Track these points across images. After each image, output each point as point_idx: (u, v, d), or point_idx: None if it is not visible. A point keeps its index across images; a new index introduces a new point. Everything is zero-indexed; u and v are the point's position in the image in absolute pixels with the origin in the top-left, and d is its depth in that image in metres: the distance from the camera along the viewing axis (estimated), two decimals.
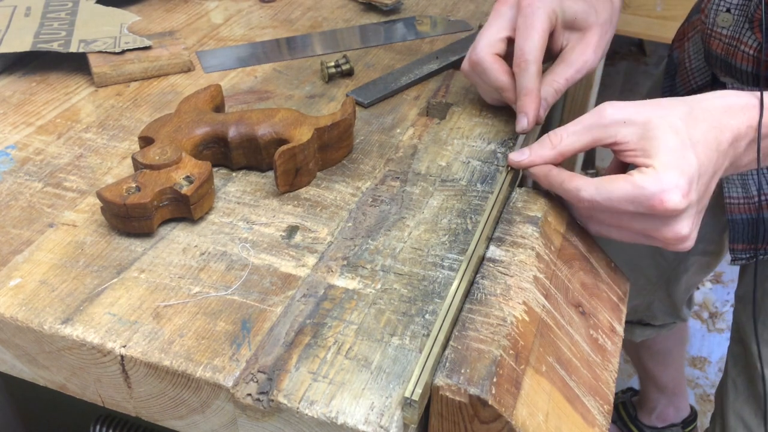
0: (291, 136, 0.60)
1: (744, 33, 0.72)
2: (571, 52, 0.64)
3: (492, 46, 0.63)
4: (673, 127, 0.51)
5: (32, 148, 0.65)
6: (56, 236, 0.55)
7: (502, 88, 0.63)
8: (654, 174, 0.50)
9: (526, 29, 0.60)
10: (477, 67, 0.64)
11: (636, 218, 0.52)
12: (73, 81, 0.76)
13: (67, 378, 0.51)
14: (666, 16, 2.02)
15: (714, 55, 0.77)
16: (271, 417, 0.44)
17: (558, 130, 0.56)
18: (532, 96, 0.61)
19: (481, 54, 0.63)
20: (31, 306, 0.49)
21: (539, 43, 0.60)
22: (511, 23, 0.63)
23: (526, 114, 0.61)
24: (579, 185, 0.53)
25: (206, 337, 0.47)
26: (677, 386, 1.40)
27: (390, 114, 0.71)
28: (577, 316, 0.53)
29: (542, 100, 0.62)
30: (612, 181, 0.51)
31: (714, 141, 0.52)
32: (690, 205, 0.50)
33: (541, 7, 0.60)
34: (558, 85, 0.63)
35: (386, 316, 0.48)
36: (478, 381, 0.42)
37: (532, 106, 0.61)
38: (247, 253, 0.54)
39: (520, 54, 0.60)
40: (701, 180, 0.51)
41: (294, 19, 0.90)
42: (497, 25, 0.63)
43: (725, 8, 0.73)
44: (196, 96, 0.65)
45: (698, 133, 0.52)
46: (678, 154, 0.50)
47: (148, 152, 0.57)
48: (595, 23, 0.64)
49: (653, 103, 0.54)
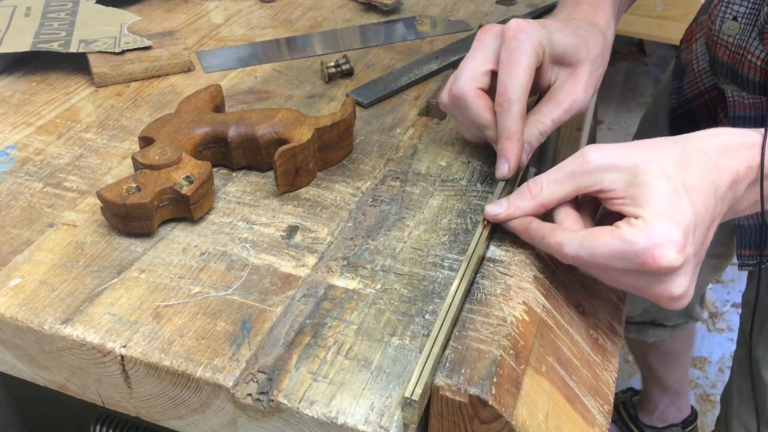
0: (291, 136, 0.60)
1: (751, 42, 0.69)
2: (559, 89, 0.59)
3: (475, 80, 0.57)
4: (665, 172, 0.46)
5: (32, 148, 0.65)
6: (56, 236, 0.55)
7: (484, 126, 0.58)
8: (644, 226, 0.44)
9: (510, 64, 0.55)
10: (458, 102, 0.58)
11: (626, 274, 0.47)
12: (73, 81, 0.76)
13: (67, 378, 0.51)
14: (666, 16, 2.02)
15: (720, 62, 0.74)
16: (271, 417, 0.44)
17: (538, 179, 0.51)
18: (514, 139, 0.55)
19: (463, 88, 0.57)
20: (31, 306, 0.49)
21: (524, 81, 0.55)
22: (495, 54, 0.57)
23: (507, 159, 0.56)
24: (561, 240, 0.48)
25: (206, 337, 0.47)
26: (681, 387, 1.40)
27: (390, 114, 0.71)
28: (577, 316, 0.53)
29: (525, 144, 0.57)
30: (597, 236, 0.46)
31: (711, 185, 0.47)
32: (686, 260, 0.45)
33: (526, 40, 0.55)
34: (544, 126, 0.58)
35: (386, 316, 0.48)
36: (478, 381, 0.42)
37: (514, 151, 0.56)
38: (247, 253, 0.54)
39: (503, 92, 0.55)
40: (698, 230, 0.46)
41: (294, 19, 0.90)
42: (481, 57, 0.58)
43: (731, 16, 0.70)
44: (196, 96, 0.65)
45: (693, 177, 0.46)
46: (671, 202, 0.45)
47: (148, 152, 0.57)
48: (586, 59, 0.59)
49: (641, 145, 0.49)
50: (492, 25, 0.59)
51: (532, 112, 0.59)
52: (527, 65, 0.55)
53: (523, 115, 0.55)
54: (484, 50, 0.58)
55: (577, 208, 0.50)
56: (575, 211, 0.50)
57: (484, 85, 0.57)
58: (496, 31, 0.58)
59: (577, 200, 0.51)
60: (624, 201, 0.47)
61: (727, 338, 1.76)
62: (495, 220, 0.52)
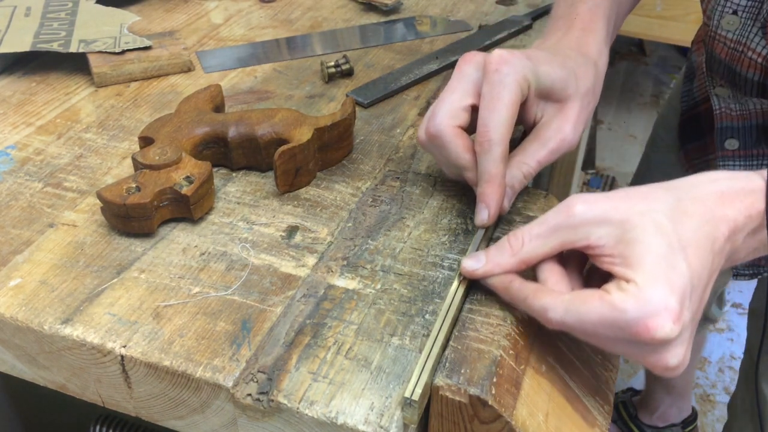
0: (291, 136, 0.60)
1: (752, 38, 0.65)
2: (546, 127, 0.54)
3: (454, 117, 0.53)
4: (658, 227, 0.42)
5: (32, 148, 0.65)
6: (56, 236, 0.55)
7: (463, 167, 0.53)
8: (637, 292, 0.40)
9: (491, 100, 0.50)
10: (435, 141, 0.53)
11: (616, 342, 0.42)
12: (73, 81, 0.76)
13: (67, 378, 0.51)
14: (666, 16, 2.02)
15: (717, 60, 0.71)
16: (271, 417, 0.44)
17: (519, 232, 0.46)
18: (495, 183, 0.51)
19: (440, 126, 0.52)
20: (31, 306, 0.49)
21: (506, 119, 0.50)
22: (476, 88, 0.53)
23: (487, 206, 0.51)
24: (546, 304, 0.43)
25: (206, 337, 0.47)
26: (685, 387, 1.40)
27: (390, 114, 0.71)
28: None
29: (507, 188, 0.53)
30: (585, 301, 0.42)
31: (708, 239, 0.43)
32: (683, 328, 0.41)
33: (510, 73, 0.51)
34: (528, 168, 0.54)
35: (386, 316, 0.48)
36: (478, 381, 0.42)
37: (495, 197, 0.51)
38: (247, 253, 0.54)
39: (484, 131, 0.50)
40: (695, 293, 0.42)
41: (294, 19, 0.90)
42: (460, 90, 0.53)
43: (731, 10, 0.66)
44: (196, 96, 0.65)
45: (688, 231, 0.42)
46: (665, 262, 0.41)
47: (148, 152, 0.57)
48: (575, 94, 0.54)
49: (632, 195, 0.44)
50: (473, 53, 0.54)
51: (516, 152, 0.55)
52: (510, 102, 0.50)
53: (505, 156, 0.51)
54: (464, 83, 0.53)
55: (563, 263, 0.46)
56: (560, 268, 0.46)
57: (463, 122, 0.53)
58: (478, 61, 0.53)
59: (563, 254, 0.47)
60: (614, 259, 0.42)
61: (727, 338, 1.76)
62: (472, 276, 0.48)
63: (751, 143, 0.74)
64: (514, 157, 0.54)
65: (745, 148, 0.75)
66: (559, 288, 0.45)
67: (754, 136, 0.73)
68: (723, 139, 0.76)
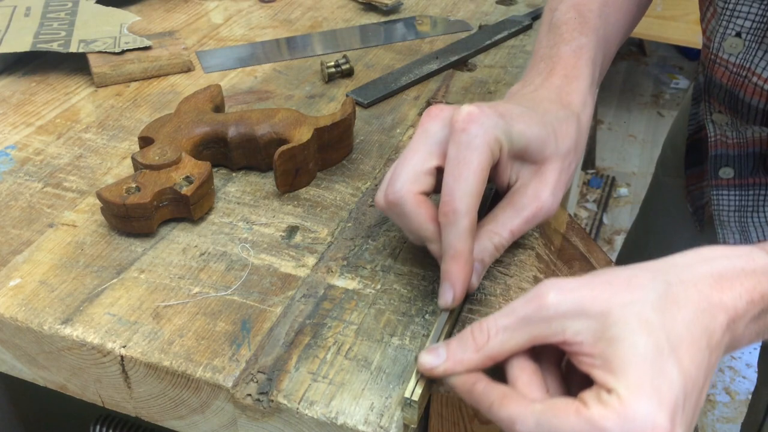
0: (291, 136, 0.60)
1: (757, 63, 0.60)
2: (521, 192, 0.48)
3: (416, 181, 0.46)
4: (644, 322, 0.36)
5: (32, 148, 0.65)
6: (56, 236, 0.55)
7: (427, 239, 0.47)
8: (619, 407, 0.34)
9: (458, 164, 0.44)
10: (395, 209, 0.47)
11: None
12: (73, 81, 0.76)
13: (67, 378, 0.51)
14: (666, 16, 2.02)
15: (717, 85, 0.65)
16: (270, 417, 0.44)
17: (485, 323, 0.39)
18: (461, 260, 0.45)
19: (400, 192, 0.46)
20: (31, 306, 0.49)
21: (474, 187, 0.44)
22: (441, 148, 0.46)
23: (453, 285, 0.45)
24: (514, 415, 0.37)
25: (206, 337, 0.47)
26: None
27: (390, 114, 0.71)
28: None
29: (477, 263, 0.47)
30: (559, 413, 0.35)
31: (704, 333, 0.36)
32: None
33: (479, 134, 0.44)
34: (500, 240, 0.47)
35: (386, 317, 0.48)
36: None
37: (461, 275, 0.45)
38: (247, 254, 0.54)
39: (449, 200, 0.44)
40: (689, 401, 0.36)
41: (294, 19, 0.90)
42: (424, 151, 0.47)
43: (734, 32, 0.60)
44: (195, 96, 0.65)
45: (680, 325, 0.36)
46: (653, 368, 0.35)
47: (148, 152, 0.57)
48: (555, 154, 0.48)
49: (613, 280, 0.38)
50: (439, 108, 0.48)
51: (487, 220, 0.48)
52: (478, 167, 0.44)
53: (473, 228, 0.45)
54: (428, 142, 0.47)
55: (536, 357, 0.40)
56: (533, 365, 0.40)
57: (427, 187, 0.47)
58: (444, 117, 0.47)
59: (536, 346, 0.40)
60: (593, 360, 0.36)
61: None
62: (431, 375, 0.41)
63: (747, 172, 0.70)
64: (484, 225, 0.48)
65: (741, 177, 0.70)
66: (531, 390, 0.38)
67: (750, 165, 0.69)
68: (717, 167, 0.71)
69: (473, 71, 0.78)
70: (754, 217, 0.69)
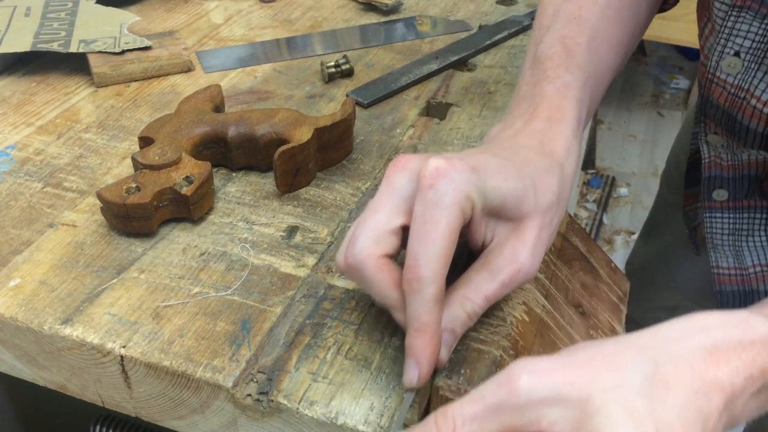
0: (291, 137, 0.60)
1: (756, 84, 0.56)
2: (497, 253, 0.43)
3: (378, 243, 0.41)
4: (629, 410, 0.32)
5: (32, 148, 0.65)
6: (56, 236, 0.55)
7: (391, 307, 0.42)
8: None
9: (424, 225, 0.39)
10: (355, 273, 0.42)
11: None
12: (73, 81, 0.76)
13: (67, 378, 0.51)
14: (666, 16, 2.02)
15: (714, 105, 0.61)
16: (270, 417, 0.44)
17: (449, 411, 0.35)
18: (427, 334, 0.40)
19: (360, 256, 0.41)
20: (31, 306, 0.49)
21: (441, 251, 0.39)
22: (408, 203, 0.41)
23: (418, 362, 0.40)
24: None
25: (206, 337, 0.47)
26: None
27: (390, 114, 0.71)
28: (577, 317, 0.53)
29: (446, 333, 0.42)
30: None
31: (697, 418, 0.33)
32: None
33: (448, 192, 0.39)
34: (473, 306, 0.42)
35: (386, 317, 0.48)
36: (478, 381, 0.42)
37: (426, 350, 0.40)
38: (247, 254, 0.54)
39: (413, 265, 0.39)
40: None
41: (294, 19, 0.90)
42: (388, 208, 0.42)
43: (733, 51, 0.56)
44: (195, 96, 0.65)
45: (671, 412, 0.32)
46: None
47: (148, 152, 0.57)
48: (534, 210, 0.43)
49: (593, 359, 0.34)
50: (407, 158, 0.43)
51: (459, 284, 0.43)
52: (447, 228, 0.39)
53: (440, 296, 0.40)
54: (393, 198, 0.42)
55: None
56: None
57: (391, 249, 0.42)
58: (411, 169, 0.42)
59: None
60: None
61: None
62: None
63: (741, 194, 0.67)
64: (455, 290, 0.43)
65: (735, 199, 0.68)
66: None
67: (745, 187, 0.66)
68: (711, 189, 0.68)
69: (473, 71, 0.78)
70: (749, 240, 0.67)
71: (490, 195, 0.42)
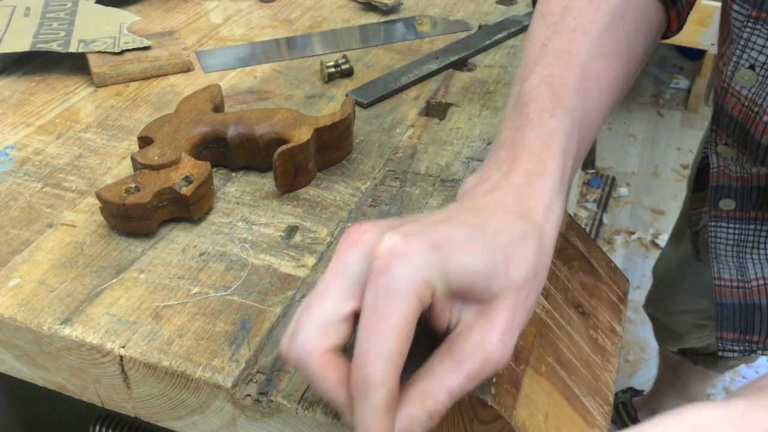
0: (290, 136, 0.60)
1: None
2: (463, 338, 0.37)
3: (324, 334, 0.36)
4: None
5: (31, 148, 0.65)
6: (55, 236, 0.55)
7: (338, 407, 0.36)
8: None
9: (374, 317, 0.34)
10: (299, 368, 0.37)
11: None
12: (73, 81, 0.76)
13: (66, 378, 0.50)
14: None
15: (728, 116, 0.59)
16: (270, 417, 0.44)
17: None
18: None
19: (302, 350, 0.36)
20: (31, 306, 0.49)
21: (394, 346, 0.34)
22: (360, 286, 0.36)
23: None
24: None
25: (205, 337, 0.47)
26: (698, 395, 1.39)
27: (390, 114, 0.71)
28: (577, 317, 0.53)
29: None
30: None
31: None
32: None
33: (403, 277, 0.34)
34: (435, 404, 0.36)
35: None
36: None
37: None
38: (246, 254, 0.54)
39: (361, 364, 0.34)
40: None
41: (294, 19, 0.90)
42: (338, 291, 0.36)
43: (748, 63, 0.54)
44: (195, 96, 0.65)
45: None
46: None
47: (148, 152, 0.57)
48: (506, 288, 0.37)
49: None
50: (361, 230, 0.37)
51: (419, 376, 0.37)
52: (400, 320, 0.34)
53: (392, 399, 0.34)
54: (345, 278, 0.36)
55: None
56: None
57: (339, 340, 0.36)
58: (365, 244, 0.36)
59: None
60: None
61: None
62: None
63: (749, 205, 0.65)
64: (415, 383, 0.36)
65: (743, 209, 0.66)
66: None
67: (754, 198, 0.65)
68: (718, 198, 0.67)
69: (473, 71, 0.78)
70: (753, 253, 0.65)
71: (455, 276, 0.36)
